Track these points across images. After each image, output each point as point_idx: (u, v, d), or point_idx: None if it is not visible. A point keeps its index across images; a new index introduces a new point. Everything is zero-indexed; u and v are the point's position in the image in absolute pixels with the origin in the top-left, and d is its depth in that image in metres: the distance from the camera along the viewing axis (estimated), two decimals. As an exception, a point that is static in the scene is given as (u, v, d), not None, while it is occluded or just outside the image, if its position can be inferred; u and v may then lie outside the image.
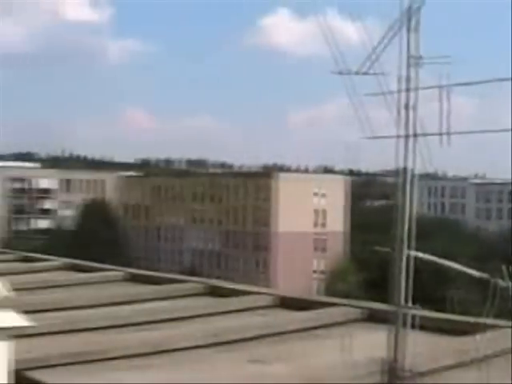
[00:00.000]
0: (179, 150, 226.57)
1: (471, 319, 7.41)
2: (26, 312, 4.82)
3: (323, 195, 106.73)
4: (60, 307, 9.61)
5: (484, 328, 5.51)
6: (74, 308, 9.59)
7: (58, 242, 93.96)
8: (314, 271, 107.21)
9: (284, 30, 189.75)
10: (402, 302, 5.01)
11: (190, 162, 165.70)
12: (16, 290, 5.20)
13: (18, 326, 4.49)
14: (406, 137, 4.95)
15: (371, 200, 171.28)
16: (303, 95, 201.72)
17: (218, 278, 44.72)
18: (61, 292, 11.61)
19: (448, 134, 4.70)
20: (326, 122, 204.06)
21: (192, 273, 71.91)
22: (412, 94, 4.90)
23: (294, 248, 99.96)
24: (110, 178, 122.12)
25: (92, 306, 9.81)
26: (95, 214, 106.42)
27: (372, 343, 5.91)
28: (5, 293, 4.53)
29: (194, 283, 11.86)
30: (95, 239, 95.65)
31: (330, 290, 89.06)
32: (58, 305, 9.80)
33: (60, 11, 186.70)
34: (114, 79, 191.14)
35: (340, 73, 4.76)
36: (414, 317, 5.05)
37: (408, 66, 4.84)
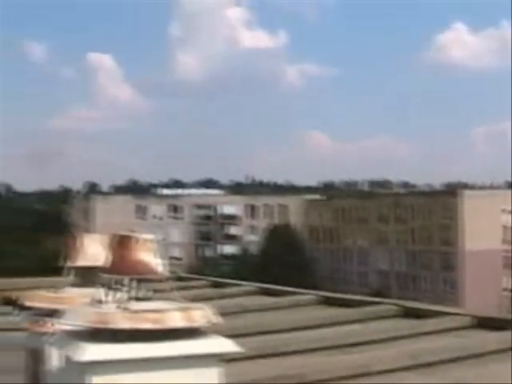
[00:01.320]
0: (360, 171, 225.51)
1: None
2: (226, 337, 4.96)
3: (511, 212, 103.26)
4: (256, 331, 9.78)
5: None
6: (271, 332, 9.74)
7: (244, 267, 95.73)
8: (504, 289, 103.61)
9: (460, 43, 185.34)
10: None
11: (372, 183, 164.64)
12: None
13: (228, 352, 4.64)
14: None
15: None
16: (483, 110, 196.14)
17: (412, 299, 44.18)
18: (256, 316, 11.82)
19: None
20: (508, 137, 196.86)
21: (379, 294, 71.25)
22: None
23: (482, 266, 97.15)
24: (293, 202, 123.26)
25: (288, 329, 9.94)
26: (280, 238, 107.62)
27: None
28: (213, 319, 4.70)
29: (387, 305, 11.79)
30: (281, 263, 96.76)
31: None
32: (254, 329, 9.98)
33: (236, 38, 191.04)
34: (290, 103, 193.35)
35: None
36: None
37: None
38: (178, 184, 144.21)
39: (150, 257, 4.74)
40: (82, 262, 5.96)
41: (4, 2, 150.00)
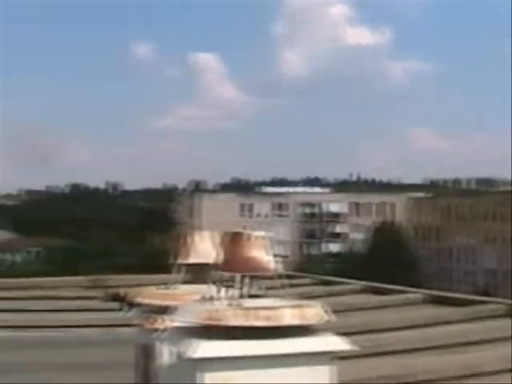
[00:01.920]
0: (465, 169, 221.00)
1: None
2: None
3: None
4: (363, 330, 9.68)
5: None
6: (377, 331, 9.63)
7: (349, 265, 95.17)
8: None
9: None
10: None
11: (478, 181, 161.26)
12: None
13: (340, 350, 4.58)
14: None
15: None
16: None
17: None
18: (362, 315, 11.72)
19: None
20: None
21: (486, 293, 69.76)
22: None
23: None
24: (398, 200, 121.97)
25: (395, 328, 9.81)
26: (385, 236, 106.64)
27: None
28: (325, 317, 4.65)
29: (495, 304, 11.51)
30: (386, 261, 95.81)
31: None
32: (361, 328, 9.88)
33: (339, 36, 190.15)
34: (394, 100, 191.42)
35: None
36: None
37: None
38: (282, 182, 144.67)
39: (262, 254, 4.72)
40: (193, 259, 5.99)
41: (111, 3, 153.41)
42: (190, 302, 5.11)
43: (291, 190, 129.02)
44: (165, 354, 5.55)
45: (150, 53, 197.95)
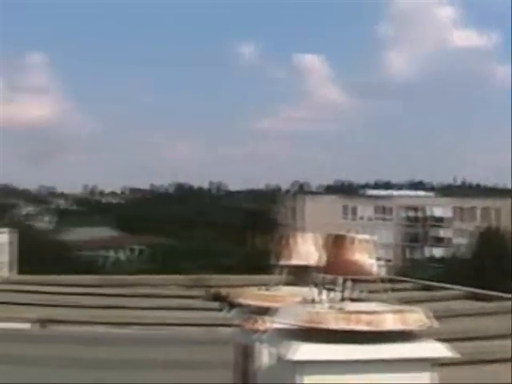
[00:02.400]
0: None
1: None
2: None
3: None
4: (466, 336, 9.51)
5: None
6: (480, 338, 9.44)
7: (453, 271, 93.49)
8: None
9: None
10: None
11: None
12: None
13: (442, 357, 4.50)
14: None
15: None
16: None
17: None
18: (465, 321, 11.51)
19: None
20: None
21: None
22: None
23: None
24: (504, 205, 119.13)
25: (496, 336, 9.60)
26: (490, 242, 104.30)
27: None
28: (428, 323, 4.57)
29: None
30: (491, 267, 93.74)
31: None
32: (464, 334, 9.71)
33: (445, 38, 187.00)
34: (501, 103, 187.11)
35: None
36: None
37: None
38: (386, 185, 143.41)
39: (365, 257, 4.68)
40: (295, 261, 5.98)
41: (217, 2, 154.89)
42: (290, 303, 5.10)
43: (395, 193, 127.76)
44: (264, 356, 5.55)
45: (255, 53, 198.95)
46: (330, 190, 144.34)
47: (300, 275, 5.84)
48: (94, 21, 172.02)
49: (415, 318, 4.52)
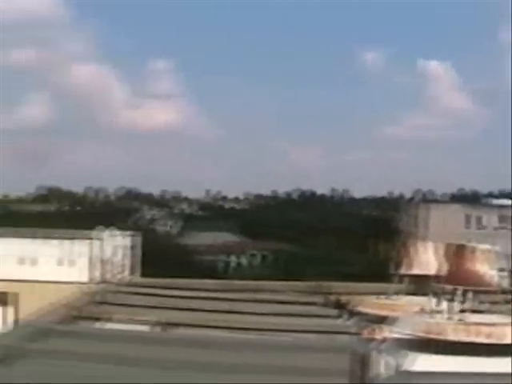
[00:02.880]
0: None
1: None
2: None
3: None
4: None
5: None
6: None
7: None
8: None
9: None
10: None
11: None
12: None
13: None
14: None
15: None
16: None
17: None
18: None
19: None
20: None
21: None
22: None
23: None
24: None
25: None
26: None
27: None
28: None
29: None
30: None
31: None
32: None
33: None
34: None
35: None
36: None
37: None
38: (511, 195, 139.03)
39: (486, 268, 4.56)
40: (416, 270, 5.90)
41: (339, 7, 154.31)
42: (409, 313, 5.02)
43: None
44: (381, 365, 5.48)
45: (380, 60, 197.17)
46: (454, 198, 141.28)
47: (420, 284, 5.75)
48: (216, 28, 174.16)
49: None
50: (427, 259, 5.64)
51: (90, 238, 25.64)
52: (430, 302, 4.85)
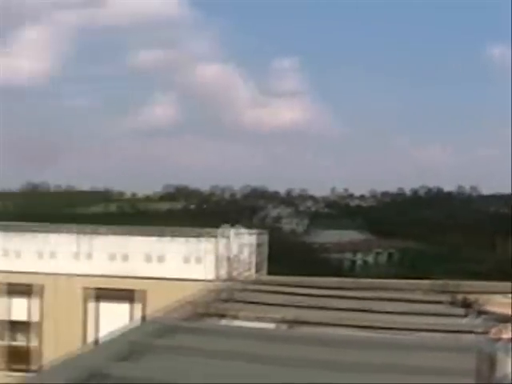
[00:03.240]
0: None
1: None
2: None
3: None
4: None
5: None
6: None
7: None
8: None
9: None
10: None
11: None
12: None
13: None
14: None
15: None
16: None
17: None
18: None
19: None
20: None
21: None
22: None
23: None
24: None
25: None
26: None
27: None
28: None
29: None
30: None
31: None
32: None
33: None
34: None
35: None
36: None
37: None
38: None
39: None
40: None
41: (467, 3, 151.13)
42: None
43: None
44: (509, 365, 5.35)
45: (507, 55, 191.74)
46: None
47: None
48: (340, 26, 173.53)
49: None
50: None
51: (217, 236, 26.01)
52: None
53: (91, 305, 27.14)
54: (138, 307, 26.16)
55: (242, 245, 26.25)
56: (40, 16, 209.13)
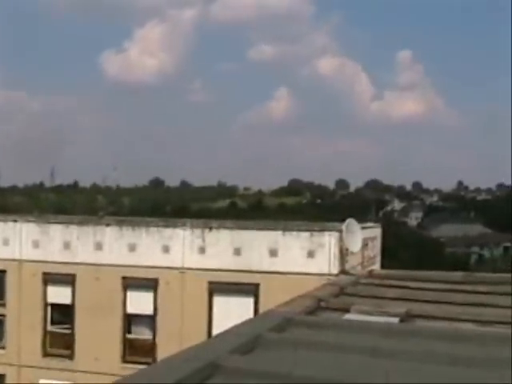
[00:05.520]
0: None
1: None
2: None
3: None
4: None
5: None
6: None
7: None
8: None
9: None
10: None
11: None
12: None
13: None
14: None
15: None
16: None
17: None
18: None
19: None
20: None
21: None
22: None
23: None
24: None
25: None
26: None
27: None
28: None
29: None
30: None
31: None
32: None
33: None
34: None
35: None
36: None
37: None
38: None
39: None
40: None
41: None
42: None
43: None
44: None
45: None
46: None
47: None
48: (447, 19, 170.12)
49: None
50: None
51: (336, 230, 26.01)
52: None
53: (209, 298, 27.60)
54: (256, 301, 26.43)
55: (360, 239, 26.16)
56: (160, 14, 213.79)
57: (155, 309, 28.69)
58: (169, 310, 28.26)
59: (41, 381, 30.11)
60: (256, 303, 26.47)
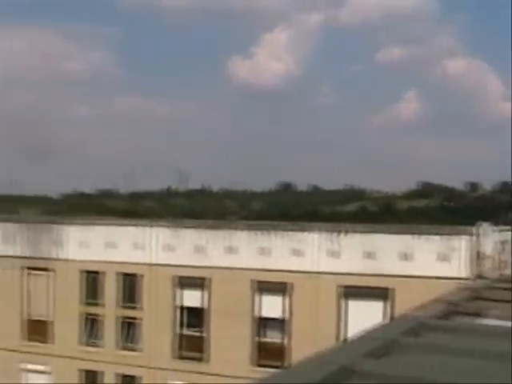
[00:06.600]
0: None
1: None
2: None
3: None
4: None
5: None
6: None
7: None
8: None
9: None
10: None
11: None
12: None
13: None
14: None
15: None
16: None
17: None
18: None
19: None
20: None
21: None
22: None
23: None
24: None
25: None
26: None
27: None
28: None
29: None
30: None
31: None
32: None
33: None
34: None
35: None
36: None
37: None
38: None
39: None
40: None
41: None
42: None
43: None
44: None
45: None
46: None
47: None
48: None
49: None
50: None
51: (468, 234, 25.55)
52: None
53: (341, 302, 27.56)
54: (387, 305, 26.26)
55: (494, 242, 25.58)
56: (288, 18, 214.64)
57: (286, 312, 28.86)
58: (300, 313, 28.38)
59: (169, 381, 30.72)
60: (386, 307, 26.30)
